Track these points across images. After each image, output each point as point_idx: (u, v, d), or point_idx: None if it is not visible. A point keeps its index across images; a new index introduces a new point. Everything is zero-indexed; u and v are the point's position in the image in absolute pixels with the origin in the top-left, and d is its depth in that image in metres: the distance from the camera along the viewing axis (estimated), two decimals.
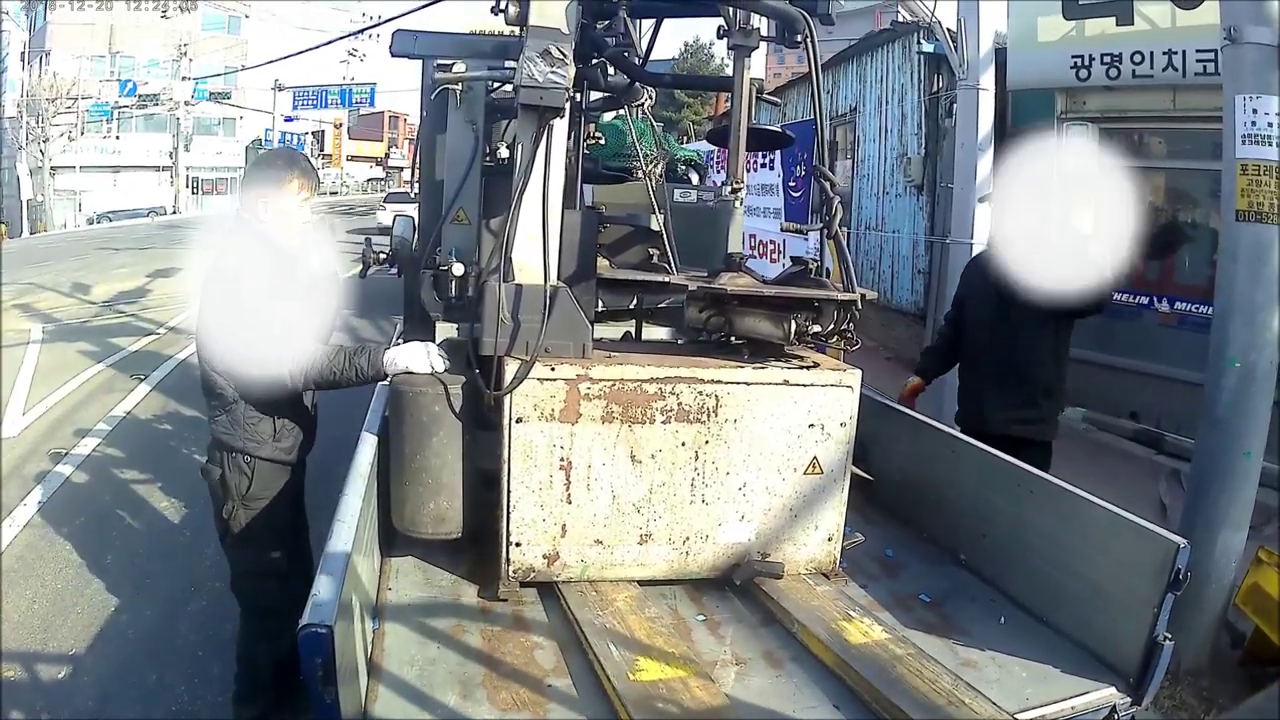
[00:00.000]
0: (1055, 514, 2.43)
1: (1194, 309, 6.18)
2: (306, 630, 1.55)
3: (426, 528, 2.40)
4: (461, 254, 2.77)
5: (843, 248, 2.36)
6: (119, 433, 6.01)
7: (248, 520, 2.70)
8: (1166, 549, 2.10)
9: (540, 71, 2.05)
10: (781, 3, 2.26)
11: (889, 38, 9.69)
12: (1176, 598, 2.10)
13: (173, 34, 33.71)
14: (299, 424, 2.79)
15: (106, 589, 3.89)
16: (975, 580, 2.64)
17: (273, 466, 2.71)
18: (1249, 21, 3.30)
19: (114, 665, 3.33)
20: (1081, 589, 2.32)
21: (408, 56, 3.20)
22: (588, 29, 2.58)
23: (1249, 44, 3.32)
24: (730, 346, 2.48)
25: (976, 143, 5.79)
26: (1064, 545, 2.39)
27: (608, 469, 2.34)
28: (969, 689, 2.02)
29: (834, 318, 2.36)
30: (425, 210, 3.26)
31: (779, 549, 2.50)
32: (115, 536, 4.43)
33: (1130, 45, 6.26)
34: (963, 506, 2.81)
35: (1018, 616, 2.46)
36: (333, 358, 2.50)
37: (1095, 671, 2.19)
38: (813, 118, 9.83)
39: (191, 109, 33.98)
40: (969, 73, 5.79)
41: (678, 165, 4.51)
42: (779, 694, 2.07)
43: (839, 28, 3.14)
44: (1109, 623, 2.23)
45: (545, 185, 2.25)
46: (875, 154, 10.16)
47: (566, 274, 2.50)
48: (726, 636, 2.31)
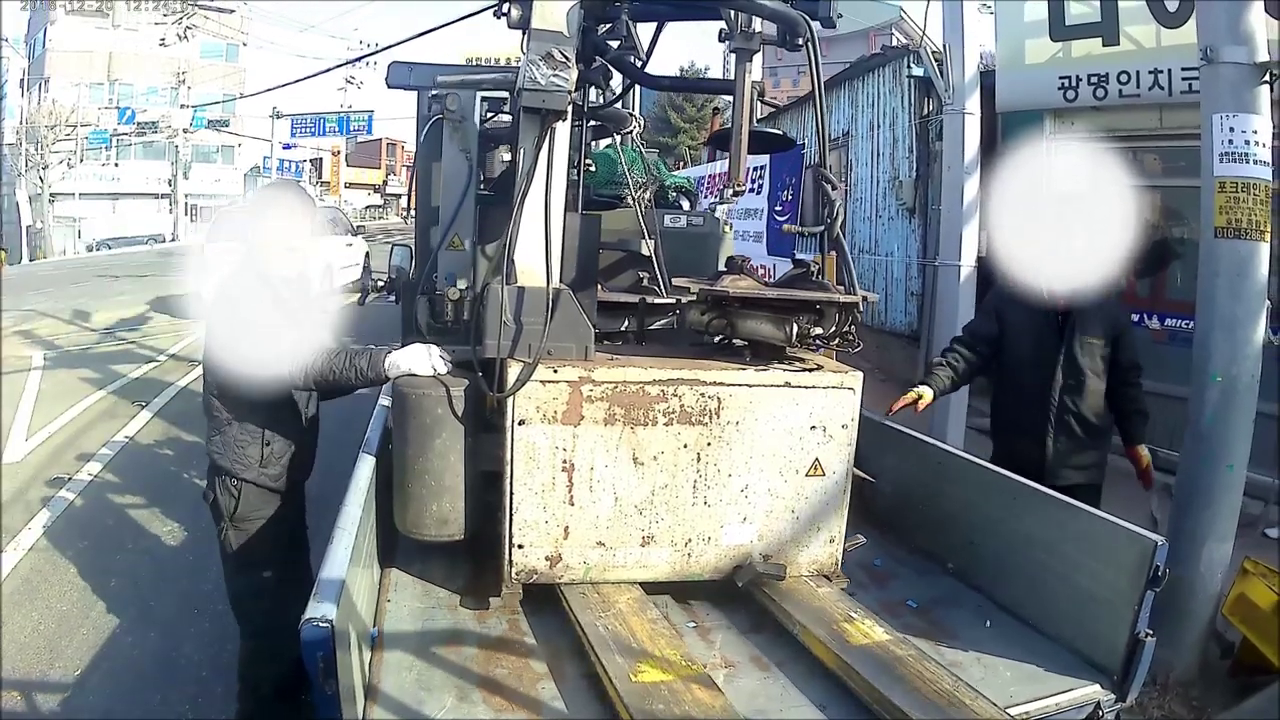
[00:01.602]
0: (1039, 520, 2.49)
1: (1183, 325, 6.21)
2: (308, 624, 1.59)
3: (429, 529, 2.40)
4: (457, 278, 2.80)
5: (844, 250, 2.38)
6: (121, 458, 6.02)
7: (240, 541, 2.73)
8: (1145, 547, 2.15)
9: (543, 74, 2.08)
10: (782, 6, 2.30)
11: (879, 62, 9.83)
12: (1158, 597, 2.15)
13: (171, 62, 33.79)
14: (290, 451, 2.79)
15: (110, 611, 3.90)
16: (963, 587, 2.68)
17: (259, 491, 2.73)
18: (1225, 41, 3.35)
19: (119, 686, 3.34)
20: (1065, 591, 2.36)
21: (403, 88, 3.27)
22: (589, 32, 2.62)
23: (1225, 63, 3.37)
24: (732, 349, 2.49)
25: (963, 166, 5.85)
26: (1048, 549, 2.43)
27: (610, 471, 2.35)
28: (969, 689, 2.02)
29: (836, 320, 2.38)
30: (421, 236, 3.32)
31: (781, 551, 2.50)
32: (119, 559, 4.44)
33: (1116, 65, 6.35)
34: (950, 516, 2.85)
35: (1005, 620, 2.49)
36: (333, 357, 2.52)
37: (1080, 670, 2.24)
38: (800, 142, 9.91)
39: (190, 136, 34.09)
40: (955, 97, 5.87)
41: (669, 192, 4.57)
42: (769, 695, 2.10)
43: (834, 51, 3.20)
44: (1092, 623, 2.28)
45: (547, 188, 2.27)
46: (868, 177, 10.25)
47: (568, 276, 2.51)
48: (716, 642, 2.33)
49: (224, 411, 2.71)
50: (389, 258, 3.71)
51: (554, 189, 2.28)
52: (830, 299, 2.35)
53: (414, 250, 3.55)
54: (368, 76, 29.87)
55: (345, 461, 2.52)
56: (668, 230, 3.80)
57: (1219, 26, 3.40)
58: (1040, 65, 6.93)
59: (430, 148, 2.92)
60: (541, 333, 2.25)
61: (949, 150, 6.06)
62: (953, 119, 5.92)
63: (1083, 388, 3.28)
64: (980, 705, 1.96)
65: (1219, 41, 3.37)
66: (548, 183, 2.27)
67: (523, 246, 2.32)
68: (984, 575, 2.65)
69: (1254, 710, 3.19)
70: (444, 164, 2.86)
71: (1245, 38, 3.33)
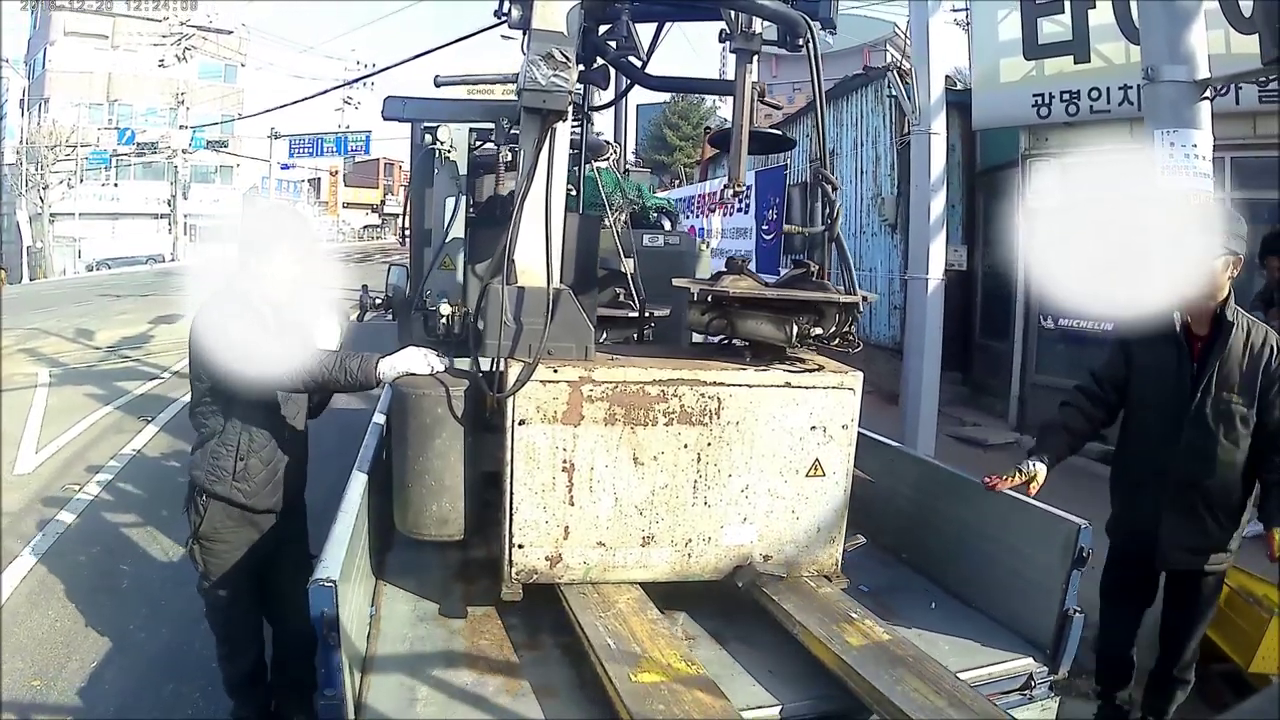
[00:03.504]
0: (981, 511, 2.59)
1: None
2: (315, 585, 1.73)
3: (429, 529, 2.34)
4: (448, 296, 2.91)
5: (844, 250, 2.34)
6: (129, 470, 6.10)
7: (205, 559, 2.62)
8: (1069, 531, 2.28)
9: (543, 75, 2.03)
10: (783, 6, 2.26)
11: (861, 82, 9.90)
12: (1082, 575, 2.28)
13: (170, 83, 33.60)
14: (266, 471, 2.62)
15: (123, 610, 4.00)
16: (915, 574, 2.76)
17: (228, 509, 2.58)
18: (1165, 61, 3.38)
19: (132, 677, 3.44)
20: (1003, 575, 2.50)
21: (398, 120, 3.37)
22: (590, 32, 2.59)
23: (1165, 82, 3.39)
24: (732, 349, 2.44)
25: (929, 184, 5.90)
26: (989, 538, 2.56)
27: (610, 471, 2.29)
28: (970, 690, 1.99)
29: (835, 320, 2.33)
30: (416, 256, 3.44)
31: (781, 551, 2.44)
32: (130, 563, 4.54)
33: (1088, 82, 6.43)
34: (902, 511, 2.90)
35: (949, 603, 2.60)
36: (324, 360, 2.42)
37: (1015, 645, 2.36)
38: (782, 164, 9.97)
39: (189, 157, 33.88)
40: (921, 119, 5.94)
41: (650, 213, 4.58)
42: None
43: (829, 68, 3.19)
44: (1026, 602, 2.40)
45: (548, 188, 2.22)
46: (852, 194, 10.31)
47: (568, 276, 2.46)
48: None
49: (207, 425, 2.60)
50: (386, 277, 3.85)
51: (554, 189, 2.23)
52: (830, 299, 2.30)
53: (409, 270, 3.65)
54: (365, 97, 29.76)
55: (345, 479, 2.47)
56: (646, 249, 3.88)
57: (1160, 48, 3.43)
58: (1015, 84, 7.02)
59: (423, 175, 3.01)
60: (542, 333, 2.20)
61: (916, 169, 6.14)
62: (919, 139, 6.00)
63: (1213, 458, 2.63)
64: (980, 705, 1.92)
65: (1160, 61, 3.40)
66: (548, 182, 2.22)
67: (523, 246, 2.26)
68: (934, 563, 2.73)
69: (1254, 710, 3.13)
70: (435, 190, 2.97)
71: (1185, 57, 3.37)
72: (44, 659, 3.54)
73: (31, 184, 31.93)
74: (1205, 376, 2.61)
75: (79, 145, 32.77)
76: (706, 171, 16.73)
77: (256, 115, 27.54)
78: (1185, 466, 2.64)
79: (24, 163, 31.95)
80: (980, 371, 8.77)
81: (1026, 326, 7.58)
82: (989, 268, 8.64)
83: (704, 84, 4.02)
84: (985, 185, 8.67)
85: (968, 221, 8.78)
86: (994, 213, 8.49)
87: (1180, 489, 2.66)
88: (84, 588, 4.20)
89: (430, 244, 3.07)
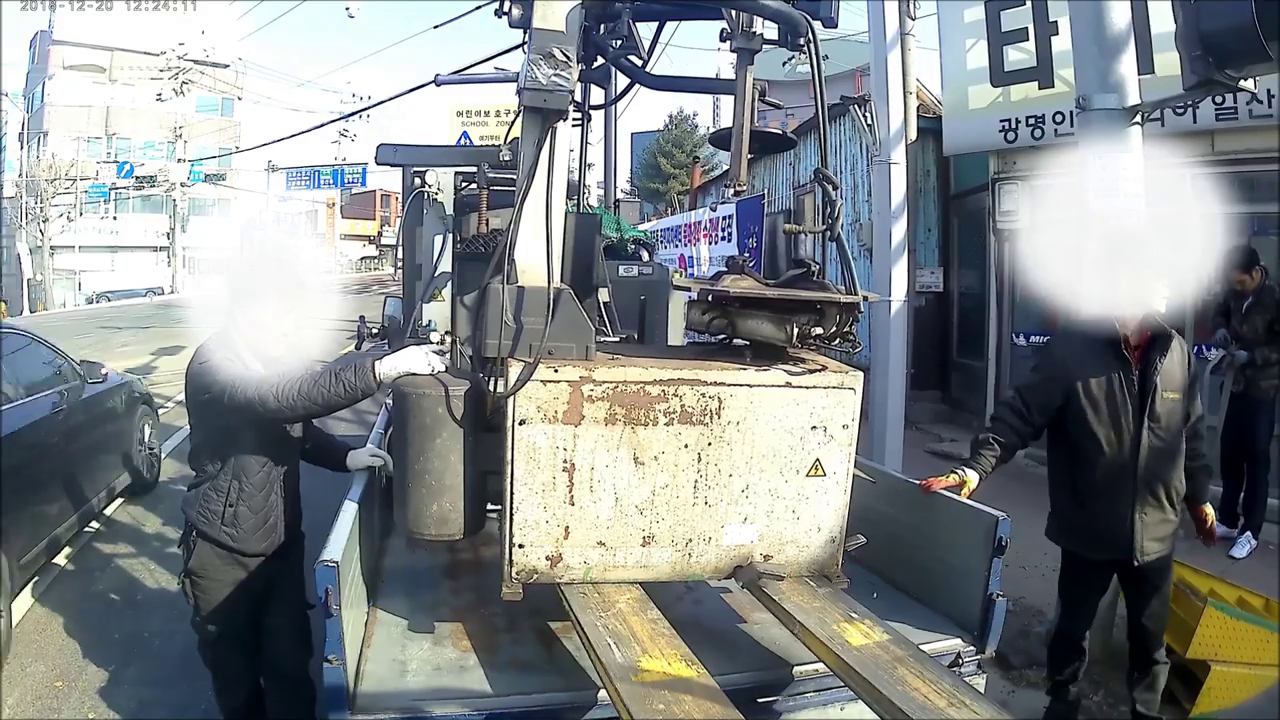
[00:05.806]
0: (915, 509, 2.73)
1: None
2: (320, 565, 1.85)
3: (429, 529, 2.26)
4: (438, 325, 3.07)
5: (845, 250, 2.29)
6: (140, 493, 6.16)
7: (195, 593, 2.56)
8: (989, 523, 2.39)
9: (544, 74, 1.99)
10: (784, 5, 2.23)
11: (839, 111, 9.97)
12: (1003, 562, 2.40)
13: (168, 116, 33.40)
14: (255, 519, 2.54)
15: (138, 618, 4.15)
16: (864, 570, 2.81)
17: (216, 551, 2.51)
18: (1096, 90, 3.46)
19: (149, 678, 3.57)
20: (936, 566, 2.64)
21: (390, 165, 3.52)
22: (591, 32, 2.55)
23: (1097, 109, 3.46)
24: (733, 349, 2.38)
25: (890, 211, 5.98)
26: (923, 533, 2.72)
27: (610, 471, 2.22)
28: (970, 690, 1.96)
29: (836, 320, 2.27)
30: (408, 290, 3.60)
31: (781, 551, 2.38)
32: (144, 578, 4.68)
33: (1052, 106, 6.50)
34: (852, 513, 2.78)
35: (891, 593, 2.73)
36: (316, 378, 2.31)
37: (945, 627, 2.50)
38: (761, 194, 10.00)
39: (187, 190, 33.63)
40: (882, 149, 6.02)
41: (627, 244, 4.56)
42: None
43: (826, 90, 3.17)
44: (956, 589, 2.54)
45: (548, 187, 2.16)
46: None
47: (568, 276, 2.40)
48: None
49: (204, 469, 2.55)
50: (383, 307, 4.14)
51: (555, 188, 2.17)
52: (831, 299, 2.24)
53: (403, 301, 3.83)
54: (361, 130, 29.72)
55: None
56: (621, 279, 3.96)
57: (1092, 77, 3.51)
58: (983, 110, 7.08)
59: (414, 215, 3.19)
60: (542, 332, 2.13)
61: (878, 197, 6.19)
62: (880, 169, 6.07)
63: (1173, 452, 2.79)
64: (980, 705, 1.86)
65: (1091, 90, 3.48)
66: (549, 182, 2.16)
67: (523, 246, 2.19)
68: (878, 558, 2.82)
69: (1253, 710, 3.09)
70: (425, 228, 3.14)
71: (1115, 86, 3.43)
72: (65, 662, 3.69)
73: (31, 217, 31.59)
74: (1152, 380, 2.75)
75: (78, 178, 32.50)
76: (696, 200, 16.80)
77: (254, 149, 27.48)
78: (1150, 465, 2.77)
79: (24, 196, 31.61)
80: (958, 389, 8.77)
81: (1000, 344, 7.60)
82: (964, 289, 8.68)
83: (705, 83, 4.01)
84: (959, 209, 8.74)
85: (944, 244, 8.82)
86: (967, 235, 8.55)
87: (1149, 487, 2.79)
88: (100, 600, 4.36)
89: (421, 277, 3.24)
